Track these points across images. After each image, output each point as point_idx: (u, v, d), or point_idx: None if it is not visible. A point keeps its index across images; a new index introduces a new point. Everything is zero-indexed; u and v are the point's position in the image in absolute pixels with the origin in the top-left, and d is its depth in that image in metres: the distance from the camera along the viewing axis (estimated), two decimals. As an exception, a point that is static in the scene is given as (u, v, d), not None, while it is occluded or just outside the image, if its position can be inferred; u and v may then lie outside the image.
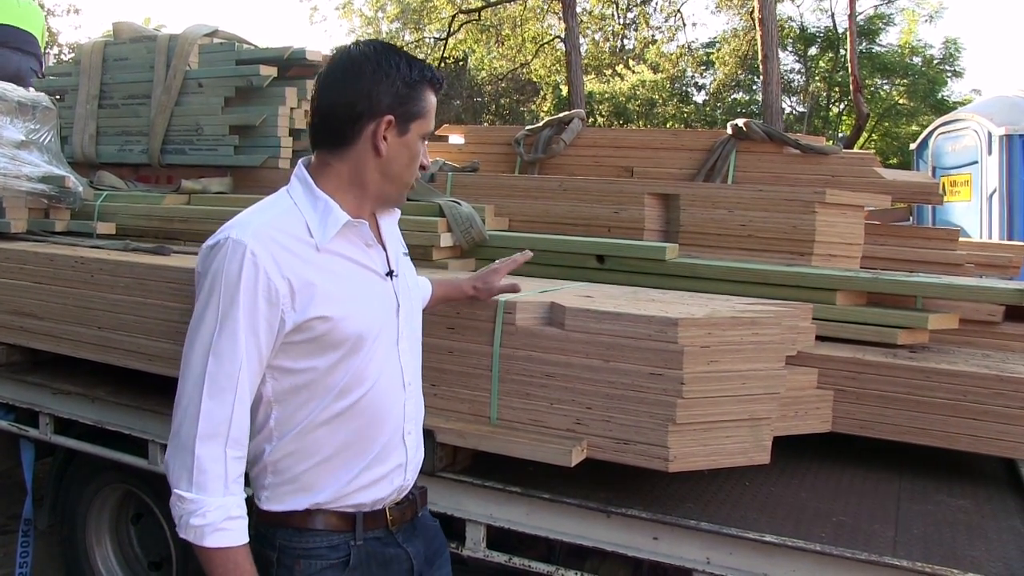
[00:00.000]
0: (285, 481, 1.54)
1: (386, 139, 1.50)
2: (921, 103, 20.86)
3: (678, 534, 2.07)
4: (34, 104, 3.76)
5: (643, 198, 3.07)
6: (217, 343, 1.40)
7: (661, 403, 2.04)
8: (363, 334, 1.50)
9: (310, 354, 1.47)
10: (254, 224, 1.45)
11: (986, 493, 2.35)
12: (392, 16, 23.40)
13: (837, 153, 3.38)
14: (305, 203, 1.51)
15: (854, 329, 2.57)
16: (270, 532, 1.56)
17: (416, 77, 1.51)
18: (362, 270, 1.54)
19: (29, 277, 3.14)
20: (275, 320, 1.42)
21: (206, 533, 1.39)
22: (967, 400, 2.29)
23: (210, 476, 1.39)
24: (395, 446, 1.60)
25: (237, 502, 1.43)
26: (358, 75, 1.49)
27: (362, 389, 1.52)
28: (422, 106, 1.53)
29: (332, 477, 1.54)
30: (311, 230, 1.48)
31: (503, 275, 2.16)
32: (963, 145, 7.99)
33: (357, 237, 1.54)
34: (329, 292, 1.46)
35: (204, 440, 1.39)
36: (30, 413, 3.24)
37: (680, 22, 24.31)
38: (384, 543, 1.62)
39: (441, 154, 4.12)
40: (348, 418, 1.52)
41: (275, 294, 1.41)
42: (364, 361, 1.51)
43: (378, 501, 1.60)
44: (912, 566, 1.85)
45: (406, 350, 1.62)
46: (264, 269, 1.40)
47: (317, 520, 1.55)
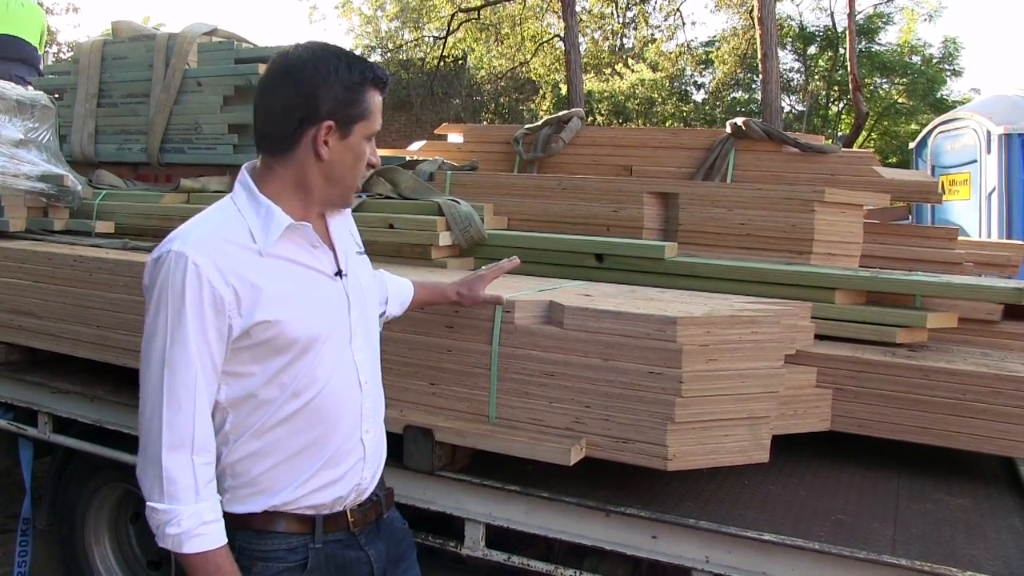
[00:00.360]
0: (243, 484, 1.54)
1: (327, 144, 1.50)
2: (920, 102, 20.85)
3: (677, 533, 2.07)
4: (33, 103, 3.76)
5: (642, 197, 3.07)
6: (170, 356, 1.42)
7: (660, 402, 2.04)
8: (312, 335, 1.50)
9: (260, 358, 1.48)
10: (195, 234, 1.45)
11: (985, 492, 2.35)
12: (391, 15, 23.39)
13: (836, 152, 3.37)
14: (248, 209, 1.51)
15: (853, 328, 2.57)
16: (230, 533, 1.55)
17: (356, 79, 1.50)
18: (309, 272, 1.54)
19: (28, 276, 3.14)
20: (223, 327, 1.44)
21: (183, 540, 1.43)
22: (966, 399, 2.29)
23: (180, 486, 1.42)
24: (352, 446, 1.60)
25: (210, 506, 1.46)
26: (297, 80, 1.49)
27: (314, 390, 1.52)
28: (364, 108, 1.52)
29: (288, 478, 1.54)
30: (254, 235, 1.48)
31: (488, 282, 2.16)
32: (962, 144, 7.99)
33: (302, 239, 1.54)
34: (275, 296, 1.47)
35: (170, 451, 1.42)
36: (29, 412, 3.24)
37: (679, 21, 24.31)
38: (345, 545, 1.63)
39: (440, 153, 4.11)
40: (301, 419, 1.52)
41: (221, 302, 1.42)
42: (315, 362, 1.52)
43: (337, 501, 1.60)
44: (911, 565, 1.85)
45: (360, 348, 1.62)
46: (208, 279, 1.41)
47: (276, 522, 1.55)
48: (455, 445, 2.30)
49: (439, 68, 21.46)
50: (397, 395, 2.42)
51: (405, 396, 2.41)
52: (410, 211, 3.08)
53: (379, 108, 1.56)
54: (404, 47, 22.97)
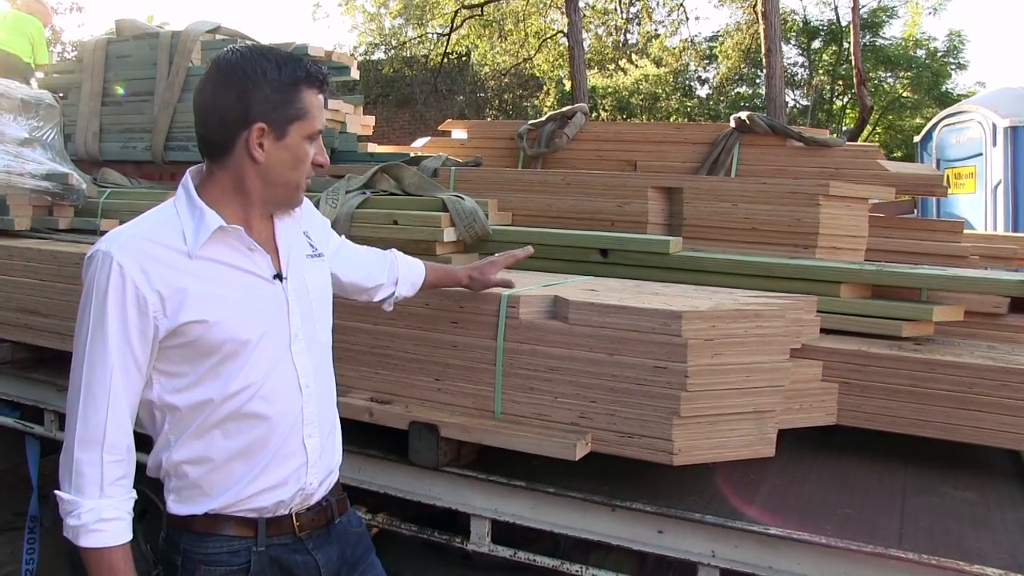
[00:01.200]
0: (185, 486, 1.55)
1: (262, 146, 1.49)
2: (925, 96, 20.75)
3: (683, 527, 2.07)
4: (37, 102, 3.77)
5: (646, 192, 3.07)
6: (90, 353, 1.45)
7: (665, 396, 2.04)
8: (242, 337, 1.50)
9: (188, 359, 1.49)
10: (124, 236, 1.47)
11: (992, 485, 2.34)
12: (395, 12, 23.35)
13: (841, 146, 3.37)
14: (185, 211, 1.52)
15: (859, 321, 2.56)
16: (175, 536, 1.58)
17: (287, 80, 1.49)
18: (241, 274, 1.53)
19: (33, 274, 3.15)
20: (148, 327, 1.45)
21: (80, 533, 1.44)
22: (972, 392, 2.28)
23: (86, 479, 1.44)
24: (293, 450, 1.58)
25: (113, 504, 1.46)
26: (226, 84, 1.49)
27: (249, 392, 1.51)
28: (299, 108, 1.50)
29: (228, 481, 1.54)
30: (186, 238, 1.49)
31: (499, 268, 2.19)
32: (967, 137, 7.97)
33: (237, 242, 1.53)
34: (201, 297, 1.47)
35: (81, 445, 1.45)
36: (35, 410, 3.25)
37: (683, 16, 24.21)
38: (292, 549, 1.61)
39: (444, 149, 4.11)
40: (237, 422, 1.52)
41: (144, 303, 1.44)
42: (248, 364, 1.51)
43: (280, 505, 1.58)
44: (918, 559, 1.84)
45: (302, 352, 1.59)
46: (132, 280, 1.43)
47: (218, 525, 1.55)
48: (460, 441, 2.30)
49: (443, 65, 21.42)
50: (402, 391, 2.43)
51: (410, 392, 2.41)
52: (414, 207, 3.08)
53: (318, 107, 1.54)
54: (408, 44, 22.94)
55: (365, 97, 5.02)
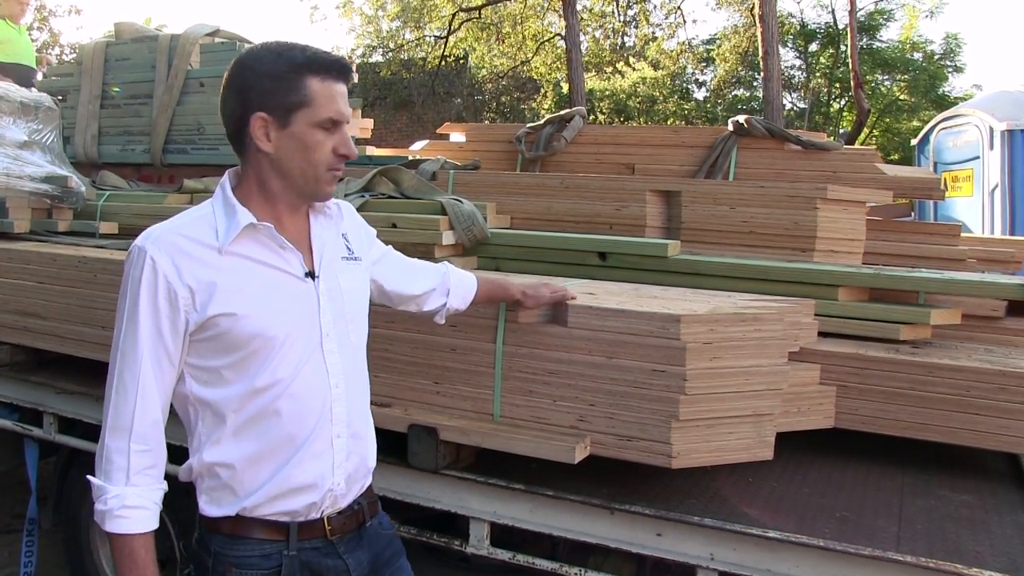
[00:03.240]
0: (215, 486, 1.56)
1: (269, 137, 1.51)
2: (922, 99, 20.80)
3: (682, 530, 2.07)
4: (36, 104, 3.76)
5: (644, 195, 3.07)
6: (124, 344, 1.48)
7: (664, 400, 2.04)
8: (269, 332, 1.51)
9: (218, 352, 1.51)
10: (158, 231, 1.52)
11: (989, 488, 2.35)
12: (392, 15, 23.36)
13: (838, 149, 3.38)
14: (219, 209, 1.55)
15: (856, 325, 2.57)
16: (207, 537, 1.58)
17: (283, 67, 1.49)
18: (271, 271, 1.54)
19: (32, 277, 3.15)
20: (179, 320, 1.48)
21: (105, 518, 1.47)
22: (970, 395, 2.29)
23: (114, 466, 1.48)
24: (322, 450, 1.58)
25: (137, 493, 1.48)
26: (230, 81, 1.54)
27: (277, 388, 1.52)
28: (302, 95, 1.49)
29: (255, 480, 1.54)
30: (218, 234, 1.52)
31: (552, 291, 2.18)
32: (964, 140, 7.99)
33: (268, 239, 1.54)
34: (230, 292, 1.49)
35: (111, 433, 1.49)
36: (34, 412, 3.25)
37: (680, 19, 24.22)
38: (323, 553, 1.61)
39: (442, 152, 4.12)
40: (266, 418, 1.53)
41: (175, 296, 1.47)
42: (277, 360, 1.52)
43: (312, 508, 1.58)
44: (916, 561, 1.85)
45: (333, 351, 1.59)
46: (163, 274, 1.47)
47: (250, 528, 1.56)
48: (459, 444, 2.31)
49: (440, 67, 21.44)
50: (401, 394, 2.43)
51: (409, 395, 2.42)
52: (413, 210, 3.08)
53: (327, 95, 1.51)
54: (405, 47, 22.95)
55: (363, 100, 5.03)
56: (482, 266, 3.03)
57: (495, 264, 3.03)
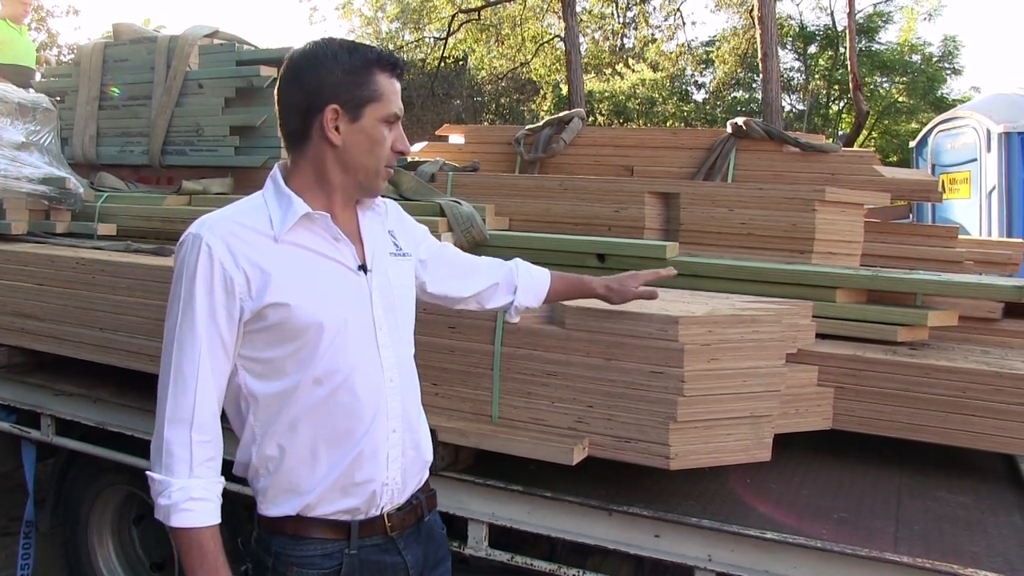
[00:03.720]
0: (272, 484, 1.55)
1: (338, 129, 1.52)
2: (921, 101, 20.84)
3: (680, 532, 2.07)
4: (34, 106, 3.76)
5: (643, 197, 3.08)
6: (180, 333, 1.47)
7: (662, 401, 2.05)
8: (323, 322, 1.50)
9: (273, 343, 1.50)
10: (213, 219, 1.51)
11: (986, 489, 2.35)
12: (392, 16, 23.39)
13: (837, 151, 3.38)
14: (273, 200, 1.55)
15: (854, 326, 2.57)
16: (267, 538, 1.57)
17: (358, 62, 1.51)
18: (326, 261, 1.54)
19: (30, 279, 3.15)
20: (234, 309, 1.47)
21: (171, 513, 1.44)
22: (966, 396, 2.29)
23: (176, 459, 1.45)
24: (378, 444, 1.57)
25: (202, 485, 1.46)
26: (299, 73, 1.53)
27: (333, 381, 1.51)
28: (373, 90, 1.52)
29: (313, 477, 1.53)
30: (273, 223, 1.51)
31: (641, 281, 2.05)
32: (962, 143, 7.99)
33: (323, 230, 1.54)
34: (285, 281, 1.48)
35: (171, 425, 1.46)
36: (32, 415, 3.24)
37: (680, 21, 24.27)
38: (383, 550, 1.60)
39: (441, 154, 4.12)
40: (323, 412, 1.52)
41: (231, 283, 1.46)
42: (332, 351, 1.51)
43: (370, 504, 1.57)
44: (913, 562, 1.85)
45: (386, 344, 1.59)
46: (219, 260, 1.45)
47: (311, 528, 1.55)
48: (458, 445, 2.31)
49: (440, 69, 21.46)
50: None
51: (407, 396, 2.41)
52: (412, 212, 3.07)
53: (393, 91, 1.55)
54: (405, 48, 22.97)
55: (362, 101, 5.04)
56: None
57: (493, 266, 3.02)
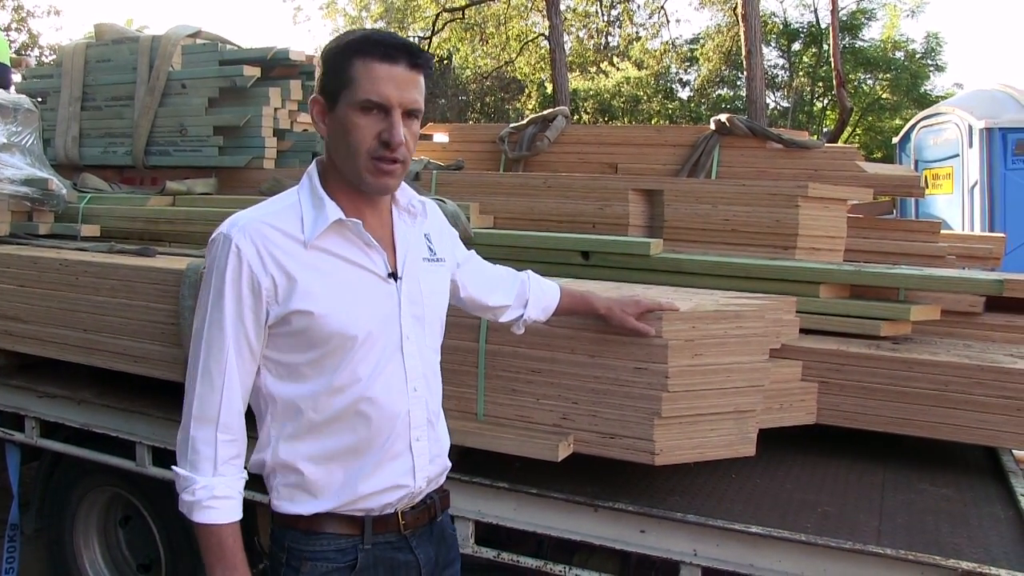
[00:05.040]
0: (289, 484, 1.54)
1: (325, 122, 1.51)
2: (904, 97, 20.99)
3: (665, 527, 2.08)
4: (16, 106, 3.74)
5: (627, 194, 3.08)
6: (208, 333, 1.47)
7: (646, 397, 2.05)
8: (350, 332, 1.48)
9: (296, 348, 1.49)
10: (244, 219, 1.49)
11: (968, 481, 2.38)
12: (376, 15, 23.35)
13: (820, 147, 3.40)
14: (306, 200, 1.52)
15: (837, 321, 2.58)
16: (280, 533, 1.58)
17: (338, 50, 1.47)
18: (356, 269, 1.52)
19: (13, 280, 3.13)
20: (261, 311, 1.47)
21: (194, 509, 1.47)
22: (949, 390, 2.31)
23: (201, 456, 1.47)
24: (399, 452, 1.56)
25: (226, 483, 1.48)
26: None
27: (354, 390, 1.50)
28: (346, 76, 1.44)
29: (331, 482, 1.53)
30: (304, 226, 1.49)
31: (643, 310, 2.04)
32: (944, 139, 8.06)
33: (355, 236, 1.51)
34: (311, 288, 1.46)
35: (198, 423, 1.48)
36: (15, 417, 3.22)
37: (664, 19, 24.33)
38: (395, 547, 1.60)
39: (426, 153, 4.12)
40: (342, 419, 1.51)
41: (258, 286, 1.45)
42: (354, 361, 1.49)
43: (387, 506, 1.57)
44: (896, 554, 1.87)
45: (412, 354, 1.57)
46: (248, 262, 1.44)
47: (325, 524, 1.54)
48: (444, 443, 2.30)
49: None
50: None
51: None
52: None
53: (370, 76, 1.43)
54: (390, 48, 22.91)
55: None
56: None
57: (479, 264, 3.03)
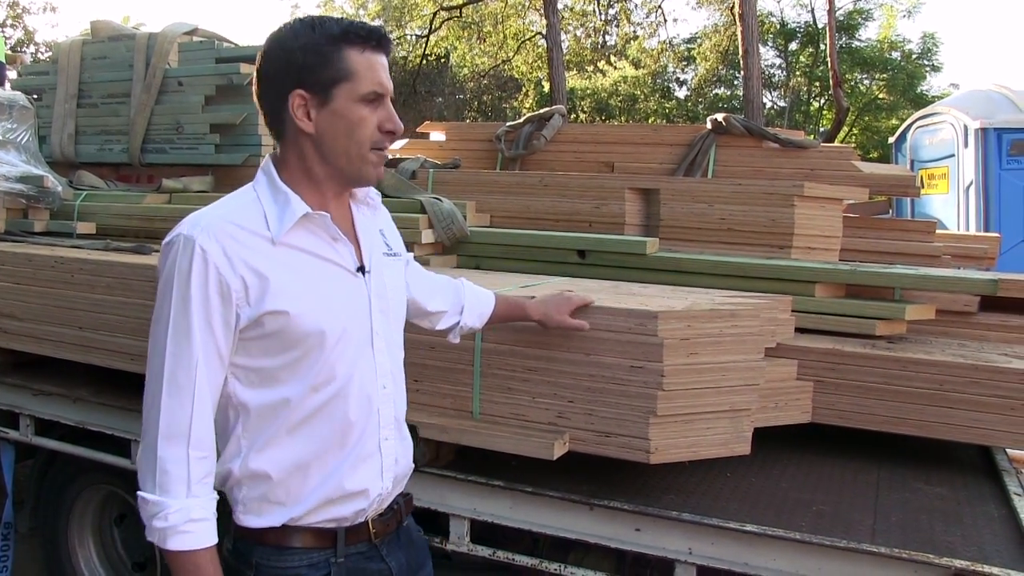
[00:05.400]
0: (258, 496, 1.47)
1: (309, 116, 1.42)
2: (900, 97, 21.02)
3: (660, 525, 2.08)
4: (11, 103, 3.73)
5: (623, 193, 3.09)
6: (173, 342, 1.37)
7: (642, 396, 2.06)
8: (324, 330, 1.43)
9: (269, 351, 1.42)
10: (206, 219, 1.40)
11: (962, 480, 2.38)
12: (373, 13, 23.32)
13: (816, 147, 3.40)
14: (267, 196, 1.45)
15: (833, 320, 2.59)
16: (247, 549, 1.49)
17: (321, 40, 1.40)
18: (325, 264, 1.47)
19: (8, 278, 3.12)
20: (230, 316, 1.39)
21: (168, 535, 1.36)
22: (944, 389, 2.32)
23: (172, 478, 1.36)
24: (370, 452, 1.52)
25: (201, 504, 1.38)
26: (266, 60, 1.44)
27: (328, 390, 1.45)
28: (341, 67, 1.40)
29: (304, 487, 1.47)
30: (269, 223, 1.42)
31: (574, 307, 2.07)
32: (940, 139, 8.08)
33: (321, 231, 1.46)
34: (284, 287, 1.40)
35: (166, 441, 1.37)
36: (10, 415, 3.21)
37: (661, 18, 24.34)
38: (367, 557, 1.56)
39: (422, 151, 4.12)
40: (315, 421, 1.45)
41: (227, 289, 1.37)
42: (330, 359, 1.44)
43: (359, 513, 1.52)
44: (890, 552, 1.87)
45: (382, 350, 1.53)
46: (215, 265, 1.36)
47: (295, 538, 1.48)
48: (439, 441, 2.31)
49: (422, 66, 21.43)
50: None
51: (389, 393, 2.41)
52: (393, 209, 3.04)
53: (368, 66, 1.42)
54: (386, 46, 22.90)
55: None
56: (462, 265, 3.03)
57: (475, 263, 3.03)
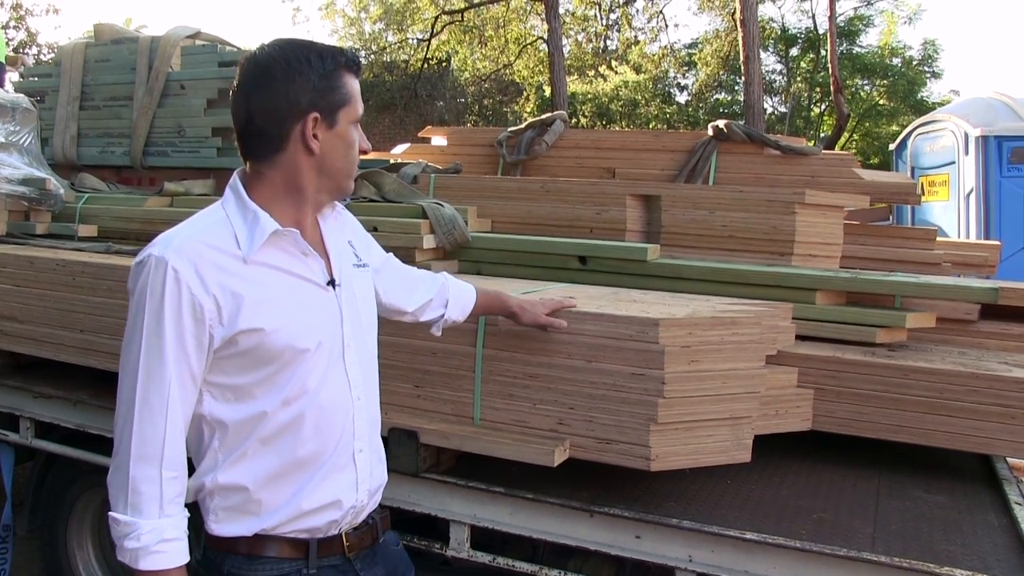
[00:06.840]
0: (232, 505, 1.48)
1: (316, 137, 1.47)
2: (901, 104, 21.03)
3: (660, 533, 2.08)
4: (14, 106, 3.74)
5: (625, 199, 3.09)
6: (146, 363, 1.38)
7: (643, 403, 2.06)
8: (298, 346, 1.45)
9: (244, 368, 1.44)
10: (177, 239, 1.41)
11: (962, 489, 2.38)
12: (375, 17, 23.35)
13: (817, 154, 3.41)
14: (236, 214, 1.47)
15: (834, 328, 2.59)
16: (218, 558, 1.51)
17: (331, 66, 1.48)
18: (297, 280, 1.49)
19: (9, 280, 3.12)
20: (203, 336, 1.39)
21: (140, 556, 1.37)
22: (943, 397, 2.32)
23: (145, 498, 1.37)
24: (344, 464, 1.53)
25: (173, 523, 1.40)
26: (270, 79, 1.45)
27: (302, 403, 1.47)
28: (344, 93, 1.49)
29: (278, 498, 1.48)
30: (239, 241, 1.44)
31: (550, 309, 2.12)
32: (941, 146, 8.08)
33: (292, 247, 1.49)
34: (258, 304, 1.42)
35: (138, 461, 1.37)
36: (10, 417, 3.21)
37: (662, 23, 24.37)
38: (340, 571, 1.56)
39: (424, 156, 4.12)
40: (292, 434, 1.47)
41: (200, 310, 1.38)
42: (304, 374, 1.46)
43: (332, 524, 1.53)
44: (890, 561, 1.87)
45: (354, 362, 1.56)
46: (187, 285, 1.37)
47: (267, 547, 1.49)
48: (440, 447, 2.31)
49: (423, 70, 21.43)
50: (382, 398, 2.41)
51: (390, 399, 2.41)
52: (394, 214, 3.08)
53: (358, 92, 1.54)
54: (388, 49, 22.93)
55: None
56: (463, 270, 3.04)
57: (476, 268, 3.03)
